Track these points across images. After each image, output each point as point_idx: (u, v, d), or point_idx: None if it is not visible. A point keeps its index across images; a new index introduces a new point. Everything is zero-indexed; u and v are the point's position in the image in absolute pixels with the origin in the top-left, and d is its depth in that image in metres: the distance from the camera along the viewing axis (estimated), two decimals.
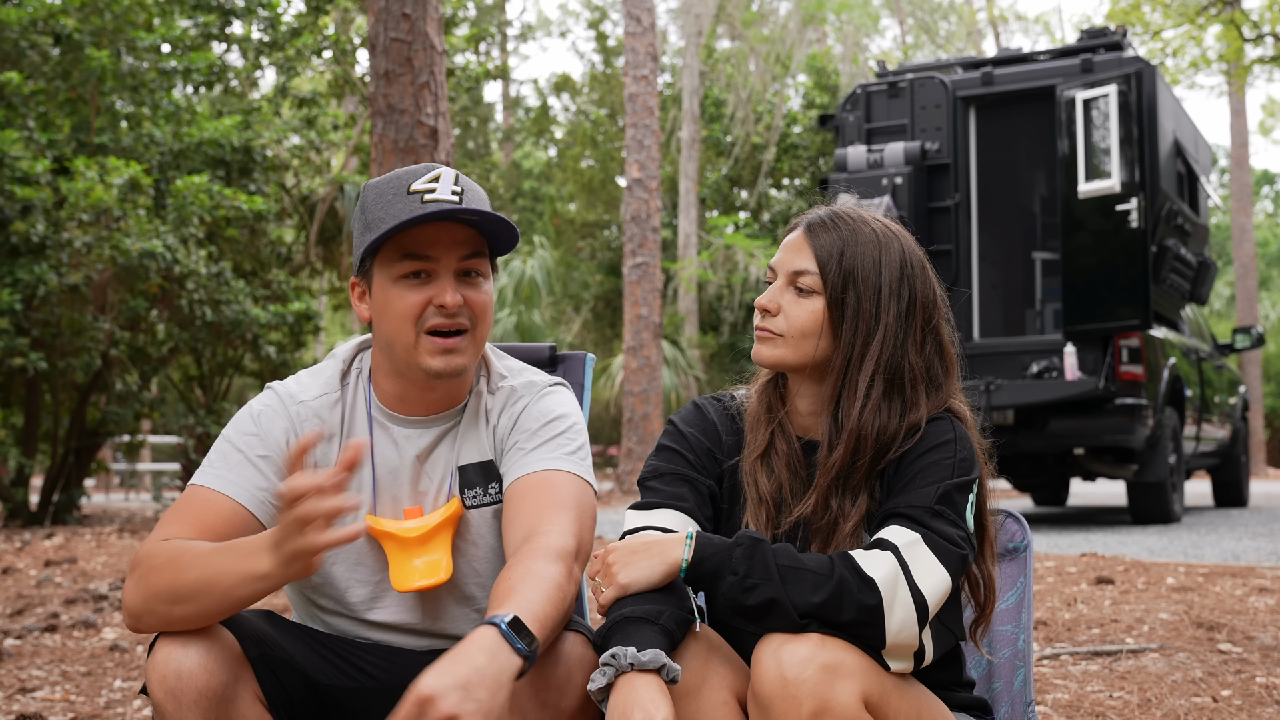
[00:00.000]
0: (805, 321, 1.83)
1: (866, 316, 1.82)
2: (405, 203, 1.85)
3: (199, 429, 11.85)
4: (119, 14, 10.96)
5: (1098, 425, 8.78)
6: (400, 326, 1.87)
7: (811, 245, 1.85)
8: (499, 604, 1.62)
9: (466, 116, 30.45)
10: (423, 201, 1.85)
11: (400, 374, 1.94)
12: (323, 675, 1.91)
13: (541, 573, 1.68)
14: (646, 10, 14.50)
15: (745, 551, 1.66)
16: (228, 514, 1.82)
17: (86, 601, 5.45)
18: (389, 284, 1.88)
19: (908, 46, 33.20)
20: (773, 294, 1.86)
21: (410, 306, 1.86)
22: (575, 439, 1.95)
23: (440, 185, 1.86)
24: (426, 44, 6.42)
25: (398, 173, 1.92)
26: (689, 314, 21.14)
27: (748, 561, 1.66)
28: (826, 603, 1.62)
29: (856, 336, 1.82)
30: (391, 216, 1.85)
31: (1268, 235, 38.60)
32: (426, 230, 1.86)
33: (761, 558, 1.66)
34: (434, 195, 1.85)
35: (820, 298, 1.83)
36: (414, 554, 1.92)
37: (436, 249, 1.86)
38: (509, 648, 1.54)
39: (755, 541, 1.68)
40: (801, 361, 1.84)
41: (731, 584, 1.66)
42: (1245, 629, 4.13)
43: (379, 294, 1.90)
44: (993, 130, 9.73)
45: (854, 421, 1.79)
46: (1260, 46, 16.06)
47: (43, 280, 9.73)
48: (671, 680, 1.61)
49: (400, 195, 1.86)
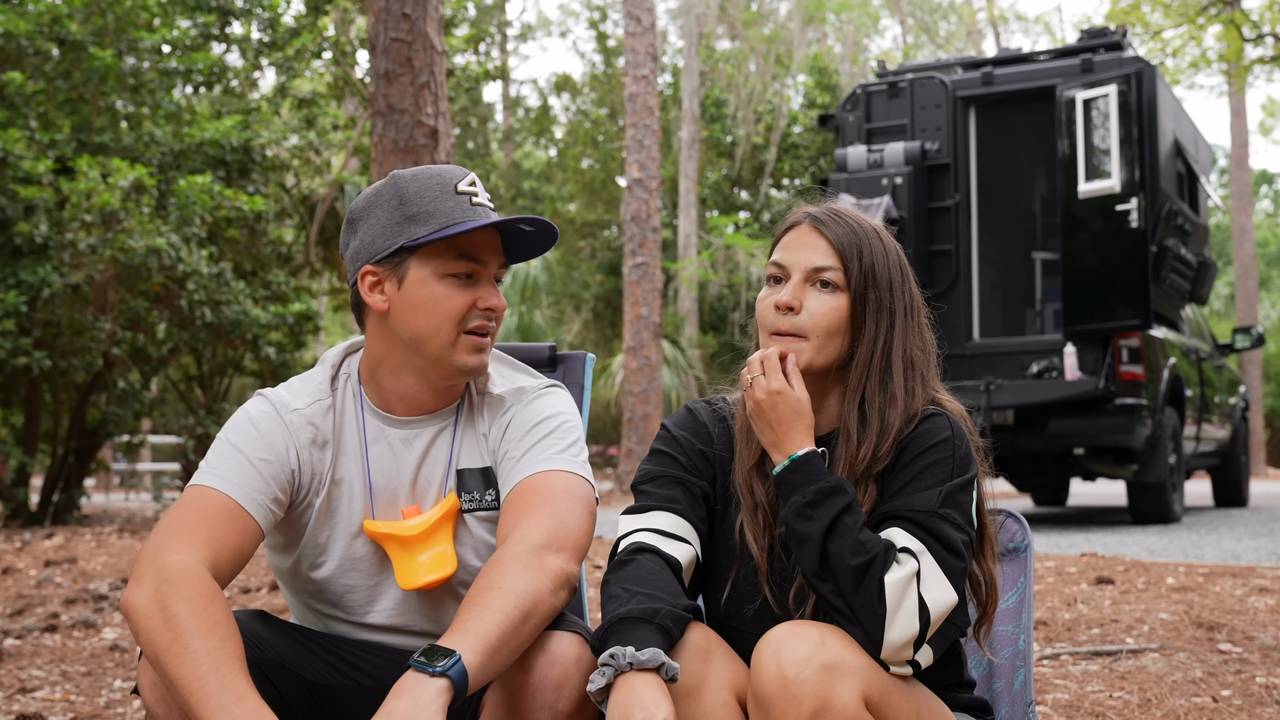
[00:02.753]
0: (831, 318, 1.82)
1: (886, 311, 1.84)
2: (456, 202, 1.87)
3: (199, 429, 11.85)
4: (121, 15, 10.97)
5: (1098, 425, 8.78)
6: (442, 324, 1.88)
7: (830, 240, 1.84)
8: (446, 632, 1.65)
9: (466, 116, 30.45)
10: (471, 204, 1.88)
11: (418, 371, 1.93)
12: (319, 676, 1.91)
13: (491, 584, 1.69)
14: (646, 10, 14.50)
15: (825, 489, 1.72)
16: (229, 515, 1.81)
17: (86, 601, 5.45)
18: (432, 280, 1.88)
19: (908, 46, 33.20)
20: (795, 291, 1.83)
21: (457, 306, 1.88)
22: (565, 436, 1.94)
23: (479, 189, 1.92)
24: (426, 44, 6.42)
25: (435, 169, 1.92)
26: (689, 314, 21.14)
27: (819, 495, 1.71)
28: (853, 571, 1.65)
29: (879, 332, 1.83)
30: (444, 214, 1.86)
31: (1268, 235, 38.60)
32: (480, 234, 1.89)
33: (833, 502, 1.70)
34: (479, 200, 1.90)
35: (844, 294, 1.83)
36: (417, 551, 1.92)
37: (486, 253, 1.90)
38: (423, 675, 1.57)
39: (839, 488, 1.72)
40: (828, 363, 1.84)
41: (795, 503, 1.72)
42: (1245, 629, 4.13)
43: (419, 288, 1.88)
44: (993, 130, 9.73)
45: (880, 414, 1.80)
46: (1260, 46, 16.05)
47: (47, 282, 9.74)
48: (670, 679, 1.60)
49: (449, 193, 1.88)
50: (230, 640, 1.62)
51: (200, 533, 1.77)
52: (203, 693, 1.57)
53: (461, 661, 1.58)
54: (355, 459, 1.95)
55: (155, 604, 1.64)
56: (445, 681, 1.56)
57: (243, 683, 1.58)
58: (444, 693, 1.56)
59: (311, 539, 1.94)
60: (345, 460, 1.95)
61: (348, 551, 1.95)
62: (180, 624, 1.62)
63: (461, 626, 1.63)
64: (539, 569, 1.73)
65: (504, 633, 1.64)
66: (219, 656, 1.59)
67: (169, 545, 1.73)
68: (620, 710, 1.56)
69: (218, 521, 1.79)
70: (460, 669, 1.58)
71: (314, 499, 1.93)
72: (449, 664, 1.57)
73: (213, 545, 1.76)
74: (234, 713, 1.55)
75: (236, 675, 1.59)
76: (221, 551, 1.77)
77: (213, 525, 1.78)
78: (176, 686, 1.59)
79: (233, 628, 1.64)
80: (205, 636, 1.61)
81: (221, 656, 1.59)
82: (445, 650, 1.59)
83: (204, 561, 1.72)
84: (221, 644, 1.61)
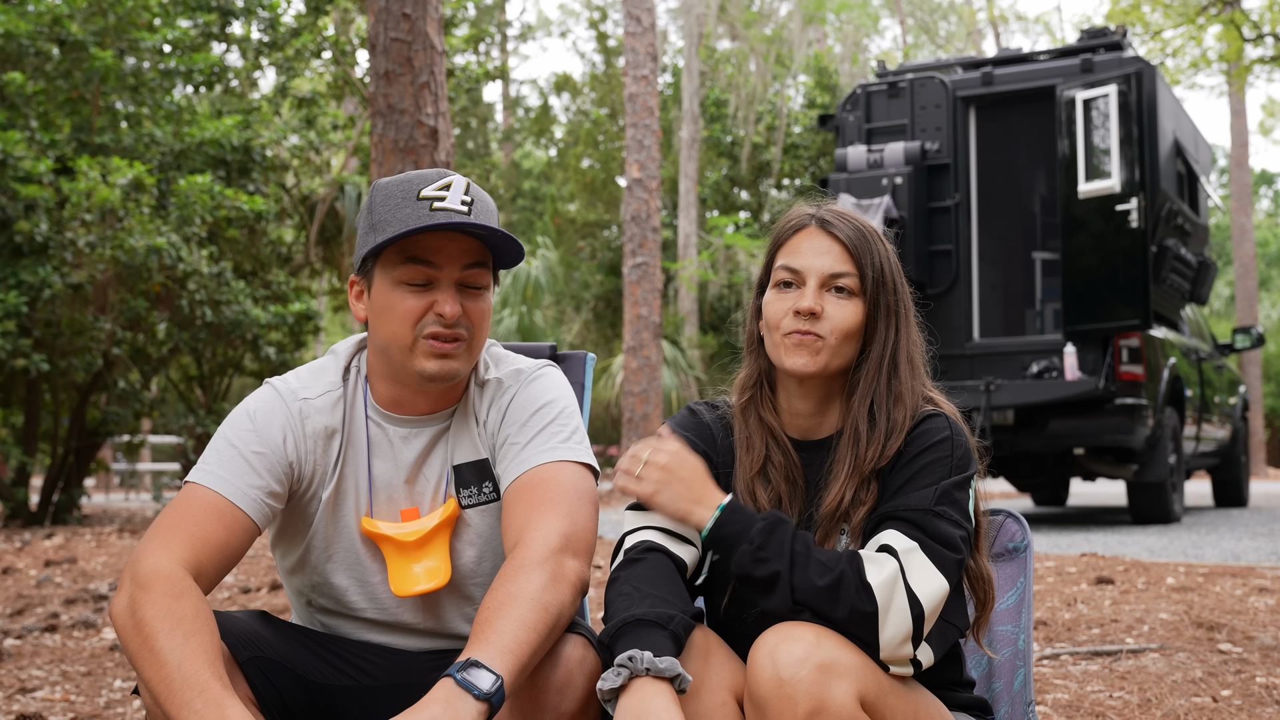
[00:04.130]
0: (849, 324, 1.83)
1: (893, 314, 1.85)
2: (413, 208, 1.85)
3: (199, 429, 11.86)
4: (122, 15, 10.97)
5: (1098, 425, 8.78)
6: (398, 329, 1.87)
7: (844, 244, 1.84)
8: (473, 638, 1.63)
9: (466, 116, 30.44)
10: (431, 209, 1.84)
11: (394, 376, 1.93)
12: (319, 675, 1.91)
13: (520, 592, 1.68)
14: (646, 10, 14.50)
15: (766, 526, 1.70)
16: (215, 512, 1.81)
17: (86, 601, 5.45)
18: (390, 287, 1.87)
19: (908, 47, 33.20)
20: (815, 297, 1.83)
21: (409, 311, 1.86)
22: (567, 424, 1.93)
23: (450, 194, 1.86)
24: (426, 44, 6.42)
25: (409, 176, 1.91)
26: (689, 314, 21.14)
27: (765, 536, 1.69)
28: (825, 590, 1.63)
29: (888, 334, 1.84)
30: (398, 221, 1.84)
31: (1268, 235, 38.60)
32: (433, 238, 1.86)
33: (779, 536, 1.69)
34: (444, 204, 1.85)
35: (859, 299, 1.84)
36: (412, 559, 1.92)
37: (440, 257, 1.86)
38: (466, 695, 1.55)
39: (778, 520, 1.71)
40: (842, 366, 1.85)
41: (745, 552, 1.69)
42: (1245, 629, 4.13)
43: (379, 295, 1.89)
44: (993, 130, 9.73)
45: (887, 414, 1.81)
46: (1260, 46, 16.05)
47: (47, 282, 9.74)
48: (681, 690, 1.60)
49: (409, 200, 1.86)
50: (196, 635, 1.62)
51: (181, 534, 1.77)
52: (168, 690, 1.57)
53: (504, 687, 1.58)
54: (361, 455, 1.95)
55: (128, 610, 1.66)
56: (486, 706, 1.55)
57: (206, 675, 1.58)
58: (482, 716, 1.55)
59: (319, 532, 1.95)
60: (353, 454, 1.95)
61: (353, 546, 1.96)
62: (146, 625, 1.63)
63: (497, 640, 1.61)
64: (561, 578, 1.72)
65: (534, 650, 1.64)
66: (182, 653, 1.60)
67: (145, 550, 1.74)
68: (632, 715, 1.56)
69: (202, 520, 1.79)
70: (502, 696, 1.57)
71: (321, 491, 1.94)
72: (494, 689, 1.56)
73: (193, 545, 1.76)
74: (195, 706, 1.55)
75: (201, 669, 1.58)
76: (204, 550, 1.76)
77: (196, 524, 1.79)
78: (148, 687, 1.60)
79: (201, 623, 1.64)
80: (169, 635, 1.61)
81: (185, 653, 1.60)
82: (488, 669, 1.58)
83: (181, 562, 1.72)
84: (186, 640, 1.61)
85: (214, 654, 1.62)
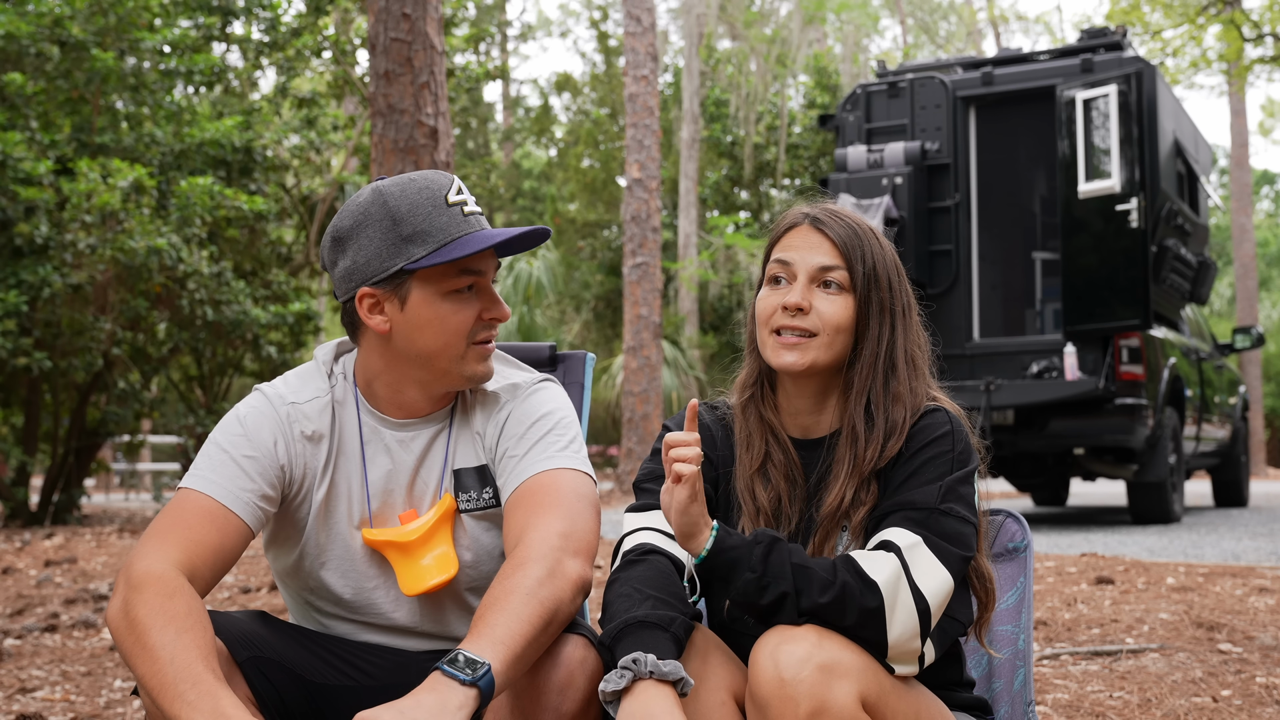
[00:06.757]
0: (839, 318, 1.82)
1: (887, 311, 1.84)
2: (449, 215, 1.86)
3: (199, 429, 11.86)
4: (123, 16, 10.97)
5: (1098, 425, 8.78)
6: (452, 340, 1.87)
7: (832, 241, 1.84)
8: (468, 634, 1.63)
9: (466, 116, 30.44)
10: (464, 214, 1.87)
11: (422, 383, 1.92)
12: (318, 675, 1.91)
13: (515, 587, 1.68)
14: (646, 10, 14.50)
15: (764, 550, 1.67)
16: (208, 516, 1.81)
17: (86, 601, 5.45)
18: (437, 298, 1.86)
19: (908, 47, 33.20)
20: (804, 292, 1.83)
21: (465, 321, 1.87)
22: (564, 434, 1.93)
23: (466, 195, 1.90)
24: (426, 44, 6.41)
25: (416, 179, 1.89)
26: (689, 314, 21.13)
27: (765, 561, 1.66)
28: (830, 604, 1.63)
29: (881, 332, 1.83)
30: (440, 229, 1.84)
31: (1268, 235, 38.60)
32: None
33: (779, 557, 1.66)
34: (470, 209, 1.89)
35: (849, 294, 1.83)
36: (419, 555, 1.92)
37: (484, 262, 1.90)
38: (453, 681, 1.55)
39: (774, 541, 1.68)
40: (833, 362, 1.84)
41: (749, 580, 1.66)
42: (1245, 629, 4.13)
43: (422, 308, 1.86)
44: (993, 130, 9.73)
45: (885, 414, 1.81)
46: (1260, 46, 16.05)
47: (47, 283, 9.74)
48: (683, 694, 1.60)
49: (440, 207, 1.86)
50: (189, 631, 1.62)
51: (175, 537, 1.77)
52: (161, 684, 1.58)
53: (492, 673, 1.58)
54: (354, 459, 1.95)
55: (122, 612, 1.67)
56: (475, 691, 1.56)
57: (199, 667, 1.58)
58: (471, 701, 1.55)
59: (312, 537, 1.95)
60: (344, 460, 1.95)
61: (347, 552, 1.95)
62: (140, 624, 1.64)
63: (489, 632, 1.62)
64: (560, 574, 1.72)
65: (528, 641, 1.64)
66: (175, 648, 1.60)
67: (139, 553, 1.75)
68: (635, 719, 1.56)
69: (195, 524, 1.80)
70: (490, 680, 1.57)
71: (312, 495, 1.93)
72: (480, 674, 1.56)
73: (187, 548, 1.76)
74: (189, 698, 1.55)
75: (194, 662, 1.59)
76: (198, 553, 1.77)
77: (189, 528, 1.79)
78: (143, 684, 1.61)
79: (194, 620, 1.65)
80: (162, 631, 1.62)
81: (178, 648, 1.60)
82: (475, 659, 1.58)
83: (174, 564, 1.73)
84: (178, 635, 1.61)
85: (207, 649, 1.62)
